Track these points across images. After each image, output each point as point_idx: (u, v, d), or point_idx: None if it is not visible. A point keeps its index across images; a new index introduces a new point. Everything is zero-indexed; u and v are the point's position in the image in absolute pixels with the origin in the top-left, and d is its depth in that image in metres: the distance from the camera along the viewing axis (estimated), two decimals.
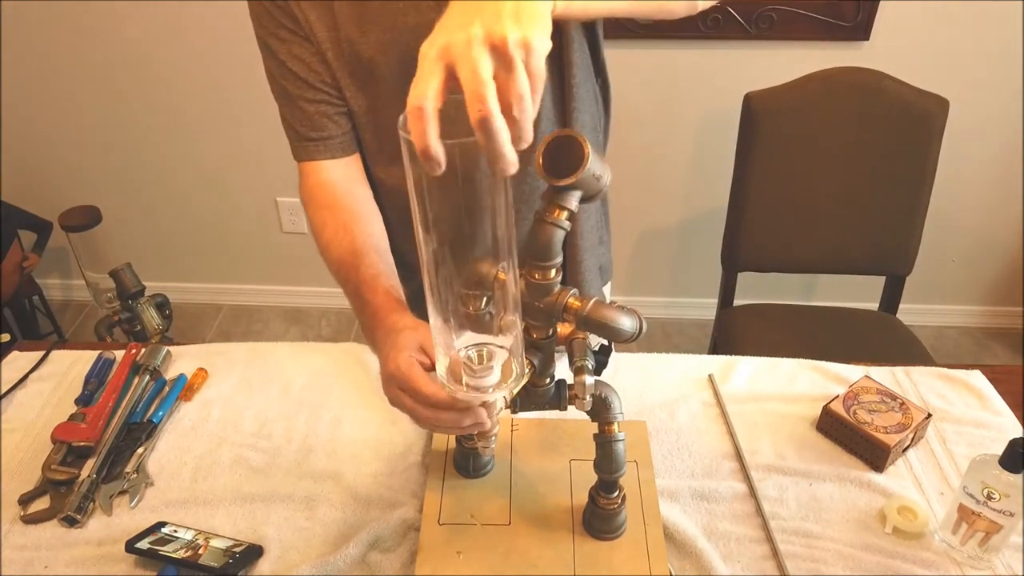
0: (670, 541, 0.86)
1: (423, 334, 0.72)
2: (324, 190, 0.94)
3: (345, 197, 0.94)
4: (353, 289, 0.85)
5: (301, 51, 0.89)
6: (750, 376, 1.10)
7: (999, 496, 0.79)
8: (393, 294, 0.82)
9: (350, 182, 0.96)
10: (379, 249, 0.89)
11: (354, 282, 0.84)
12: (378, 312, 0.80)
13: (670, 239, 2.41)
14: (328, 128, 0.93)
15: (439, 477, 0.91)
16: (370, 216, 0.94)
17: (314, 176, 0.95)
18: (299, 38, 0.88)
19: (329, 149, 0.94)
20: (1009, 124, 2.12)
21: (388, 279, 0.84)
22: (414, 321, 0.77)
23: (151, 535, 0.85)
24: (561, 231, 0.65)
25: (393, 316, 0.78)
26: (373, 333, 0.81)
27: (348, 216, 0.91)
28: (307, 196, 0.95)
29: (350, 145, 0.96)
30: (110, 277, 1.75)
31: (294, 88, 0.91)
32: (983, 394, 1.06)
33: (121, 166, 2.41)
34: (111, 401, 1.04)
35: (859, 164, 1.63)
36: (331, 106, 0.93)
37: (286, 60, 0.89)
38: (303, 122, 0.93)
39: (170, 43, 2.15)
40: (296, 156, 0.96)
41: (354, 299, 0.85)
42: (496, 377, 0.67)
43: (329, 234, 0.90)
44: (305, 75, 0.90)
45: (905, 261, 1.70)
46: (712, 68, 2.05)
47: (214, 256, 2.61)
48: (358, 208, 0.94)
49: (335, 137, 0.94)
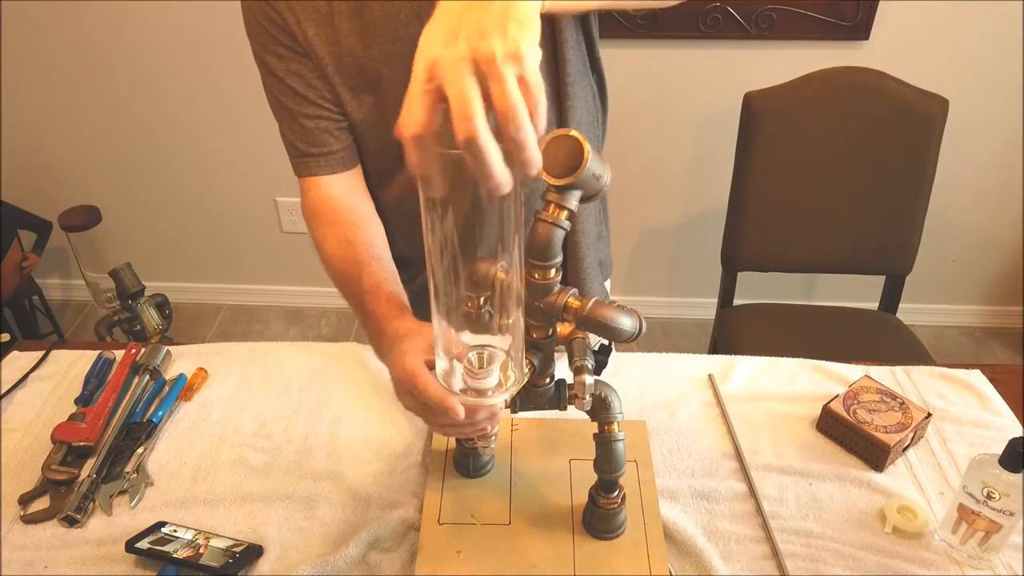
0: (670, 541, 0.86)
1: (428, 335, 0.73)
2: (326, 205, 0.94)
3: (347, 211, 0.94)
4: (357, 301, 0.85)
5: (299, 67, 0.89)
6: (750, 376, 1.10)
7: (999, 496, 0.79)
8: (395, 301, 0.82)
9: (351, 196, 0.96)
10: (380, 258, 0.89)
11: (357, 293, 0.85)
12: (380, 320, 0.80)
13: (670, 239, 2.41)
14: (329, 143, 0.93)
15: (439, 477, 0.91)
16: (371, 227, 0.94)
17: (315, 192, 0.95)
18: (297, 55, 0.88)
19: (330, 164, 0.94)
20: (1009, 124, 2.12)
21: (390, 286, 0.84)
22: (417, 324, 0.77)
23: (151, 535, 0.85)
24: (561, 231, 0.65)
25: (394, 323, 0.79)
26: (378, 342, 0.81)
27: (349, 229, 0.91)
28: (309, 212, 0.95)
29: (351, 159, 0.96)
30: (110, 277, 1.75)
31: (293, 104, 0.91)
32: (983, 394, 1.06)
33: (121, 166, 2.41)
34: (111, 401, 1.04)
35: (859, 164, 1.63)
36: (331, 121, 0.92)
37: (284, 77, 0.89)
38: (303, 138, 0.92)
39: (170, 43, 2.15)
40: (297, 172, 0.96)
41: (358, 311, 0.85)
42: (496, 378, 0.67)
43: (330, 248, 0.90)
44: (304, 91, 0.90)
45: (905, 261, 1.70)
46: (712, 68, 2.05)
47: (214, 256, 2.61)
48: (359, 220, 0.93)
49: (336, 152, 0.94)
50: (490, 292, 0.65)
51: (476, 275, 0.64)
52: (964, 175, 2.19)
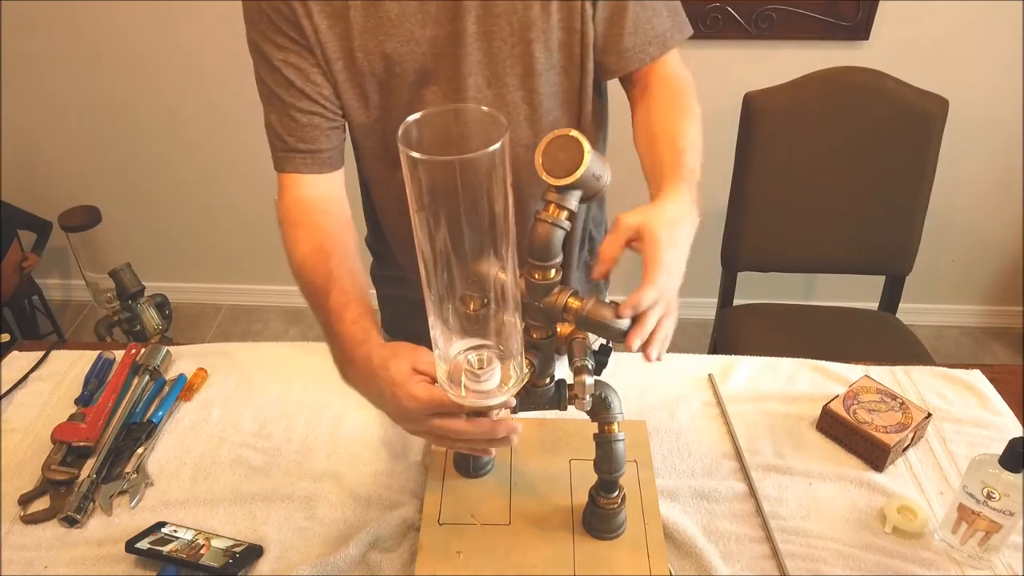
0: (670, 541, 0.86)
1: (407, 356, 0.71)
2: (301, 207, 0.91)
3: (323, 216, 0.90)
4: (323, 316, 0.82)
5: (299, 60, 0.87)
6: (750, 376, 1.10)
7: (999, 496, 0.79)
8: (361, 322, 0.78)
9: (329, 200, 0.93)
10: (354, 271, 0.85)
11: (324, 308, 0.81)
12: (346, 343, 0.77)
13: None
14: (319, 142, 0.91)
15: (439, 477, 0.91)
16: (346, 235, 0.90)
17: (293, 191, 0.92)
18: (299, 47, 0.87)
19: (317, 163, 0.91)
20: (1008, 124, 2.11)
21: (359, 304, 0.80)
22: (389, 348, 0.74)
23: (151, 535, 0.85)
24: (561, 231, 0.65)
25: (363, 349, 0.75)
26: (346, 367, 0.78)
27: (323, 236, 0.87)
28: (284, 212, 0.92)
29: (338, 160, 0.94)
30: (110, 277, 1.75)
31: (288, 96, 0.89)
32: (983, 394, 1.06)
33: (121, 166, 2.41)
34: (111, 401, 1.04)
35: (859, 164, 1.63)
36: (324, 119, 0.90)
37: (281, 67, 0.87)
38: (293, 132, 0.90)
39: (170, 43, 2.15)
40: (279, 167, 0.93)
41: (323, 326, 0.82)
42: (497, 380, 0.67)
43: (302, 255, 0.87)
44: (301, 85, 0.88)
45: (905, 261, 1.70)
46: (712, 68, 2.05)
47: (214, 256, 2.61)
48: (334, 227, 0.90)
49: (324, 151, 0.91)
50: (490, 293, 0.65)
51: (473, 277, 0.64)
52: (964, 175, 2.19)
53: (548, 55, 0.88)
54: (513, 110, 0.91)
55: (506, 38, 0.86)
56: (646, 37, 0.89)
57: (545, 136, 0.65)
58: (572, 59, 0.90)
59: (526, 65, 0.88)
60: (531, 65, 0.88)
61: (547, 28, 0.86)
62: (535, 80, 0.89)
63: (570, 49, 0.89)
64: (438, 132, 0.60)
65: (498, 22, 0.85)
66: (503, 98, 0.90)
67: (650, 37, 0.89)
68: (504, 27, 0.86)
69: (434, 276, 0.62)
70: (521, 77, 0.89)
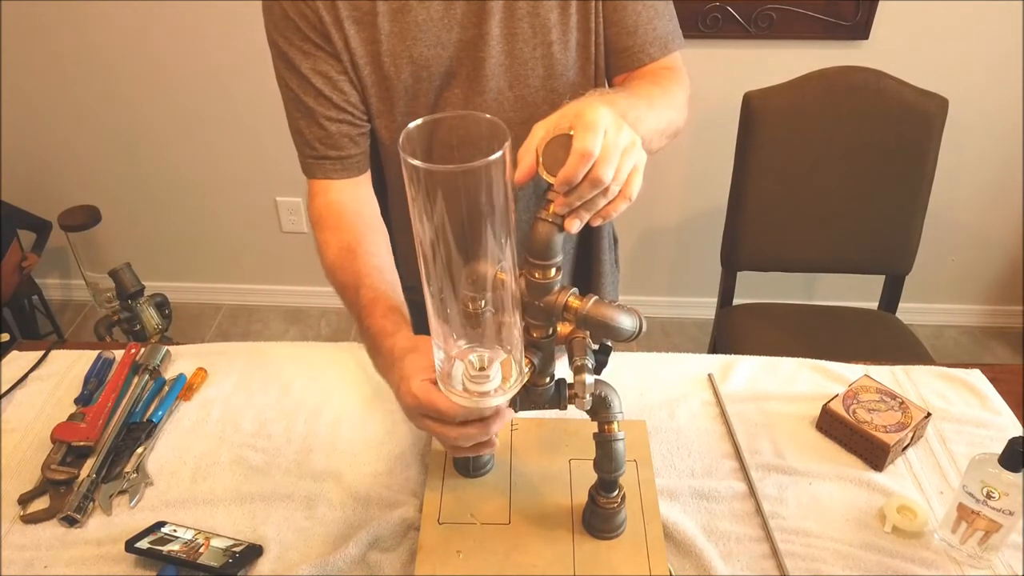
0: (670, 540, 0.86)
1: (425, 352, 0.72)
2: (332, 211, 0.93)
3: (352, 217, 0.92)
4: (356, 314, 0.84)
5: (327, 68, 0.87)
6: (750, 375, 1.10)
7: (999, 495, 0.79)
8: (392, 315, 0.80)
9: (359, 201, 0.95)
10: (381, 268, 0.88)
11: (356, 306, 0.84)
12: (377, 336, 0.79)
13: (670, 239, 2.41)
14: (347, 148, 0.92)
15: (439, 477, 0.91)
16: (375, 235, 0.93)
17: (323, 196, 0.93)
18: (326, 55, 0.87)
19: (346, 169, 0.93)
20: (1008, 124, 2.12)
21: (388, 299, 0.83)
22: (412, 341, 0.76)
23: (151, 535, 0.85)
24: (561, 230, 0.64)
25: (389, 340, 0.77)
26: (375, 358, 0.81)
27: (351, 236, 0.89)
28: (315, 216, 0.94)
29: (365, 163, 0.96)
30: (110, 277, 1.75)
31: (316, 104, 0.89)
32: (983, 393, 1.06)
33: (121, 166, 2.41)
34: (111, 401, 1.04)
35: (859, 164, 1.63)
36: (352, 126, 0.92)
37: (309, 75, 0.88)
38: (323, 139, 0.91)
39: (170, 43, 2.15)
40: (309, 173, 0.94)
41: (357, 323, 0.85)
42: (497, 380, 0.67)
43: (331, 256, 0.89)
44: (329, 93, 0.89)
45: (905, 260, 1.70)
46: (711, 67, 2.05)
47: (214, 256, 2.61)
48: (363, 228, 0.92)
49: (353, 157, 0.93)
50: (489, 293, 0.65)
51: (474, 276, 0.64)
52: (964, 175, 2.19)
53: (567, 56, 0.89)
54: (535, 111, 0.91)
55: (528, 40, 0.87)
56: (646, 38, 0.89)
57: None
58: (588, 59, 0.90)
59: (547, 66, 0.89)
60: (552, 66, 0.89)
61: (566, 29, 0.87)
62: (556, 81, 0.90)
63: (587, 49, 0.90)
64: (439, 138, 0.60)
65: (520, 24, 0.86)
66: (524, 99, 0.91)
67: (651, 38, 0.90)
68: (526, 29, 0.86)
69: (434, 276, 0.62)
70: (543, 79, 0.90)
